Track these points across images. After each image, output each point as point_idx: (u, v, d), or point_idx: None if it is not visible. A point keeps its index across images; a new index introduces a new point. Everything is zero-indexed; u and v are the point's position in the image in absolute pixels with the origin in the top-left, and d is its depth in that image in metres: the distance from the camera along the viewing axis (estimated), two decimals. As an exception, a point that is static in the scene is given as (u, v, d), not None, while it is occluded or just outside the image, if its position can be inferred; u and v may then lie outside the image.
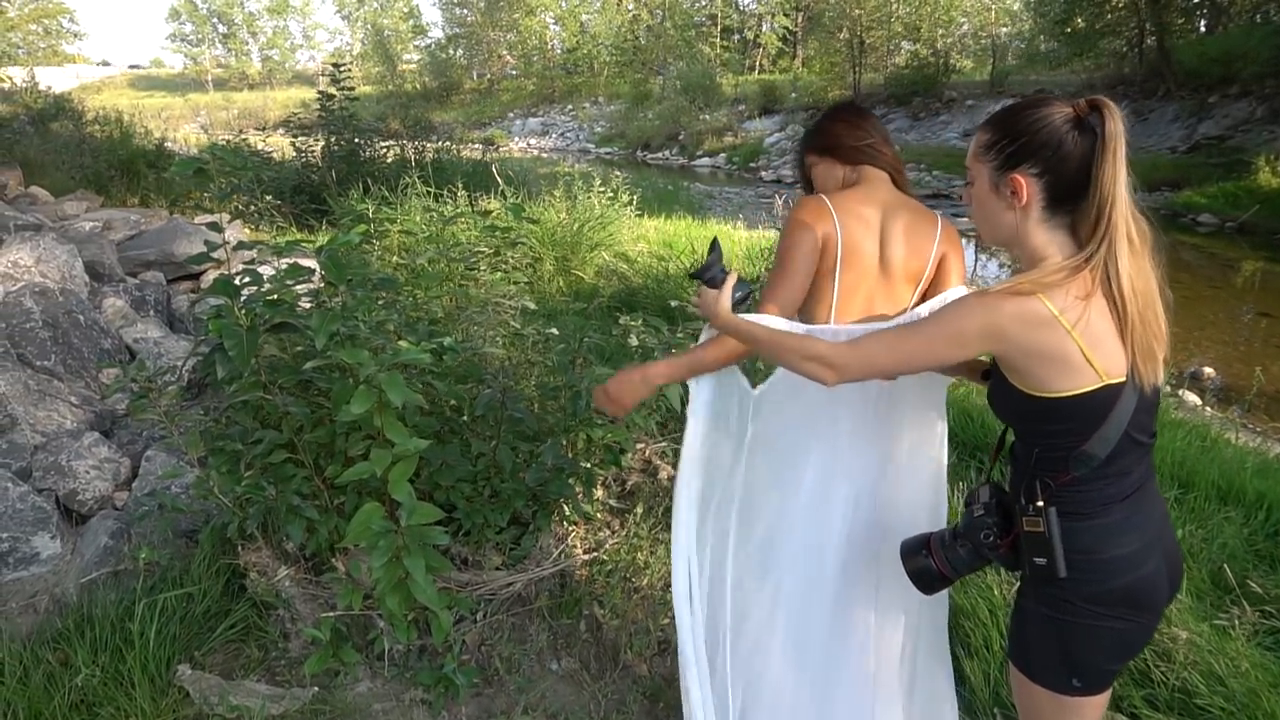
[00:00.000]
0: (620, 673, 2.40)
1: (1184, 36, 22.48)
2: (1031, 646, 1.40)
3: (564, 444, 2.82)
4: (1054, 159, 1.29)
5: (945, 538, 1.48)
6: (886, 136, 1.91)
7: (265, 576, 2.58)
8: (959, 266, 1.81)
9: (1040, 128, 1.30)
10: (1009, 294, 1.27)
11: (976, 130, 1.41)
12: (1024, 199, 1.33)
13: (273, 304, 2.35)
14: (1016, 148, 1.32)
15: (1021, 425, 1.39)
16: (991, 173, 1.36)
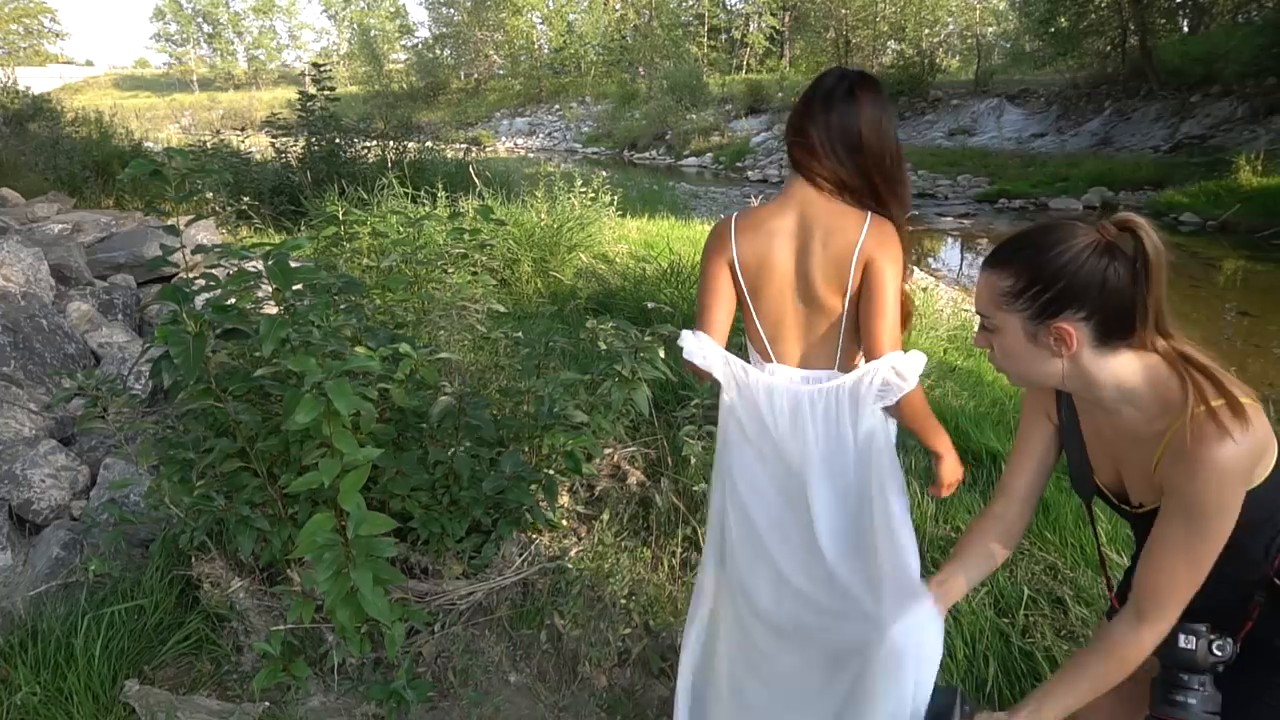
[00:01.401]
0: (579, 685, 2.36)
1: (1166, 36, 22.61)
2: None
3: (525, 451, 2.77)
4: (1100, 299, 1.16)
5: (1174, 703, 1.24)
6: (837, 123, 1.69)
7: (218, 588, 2.52)
8: (887, 269, 1.64)
9: (1078, 267, 1.16)
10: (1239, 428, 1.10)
11: (986, 270, 1.25)
12: (1072, 347, 1.19)
13: (222, 309, 2.29)
14: (1055, 294, 1.17)
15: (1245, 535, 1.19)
16: (1026, 323, 1.21)
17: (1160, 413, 1.19)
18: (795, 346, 1.77)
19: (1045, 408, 1.43)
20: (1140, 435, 1.22)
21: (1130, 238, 1.17)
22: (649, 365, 2.94)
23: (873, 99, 1.71)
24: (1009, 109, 24.37)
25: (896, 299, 1.65)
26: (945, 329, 6.32)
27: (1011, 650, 2.28)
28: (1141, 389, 1.21)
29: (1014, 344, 1.24)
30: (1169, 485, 1.17)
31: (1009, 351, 1.26)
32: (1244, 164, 14.07)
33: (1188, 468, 1.12)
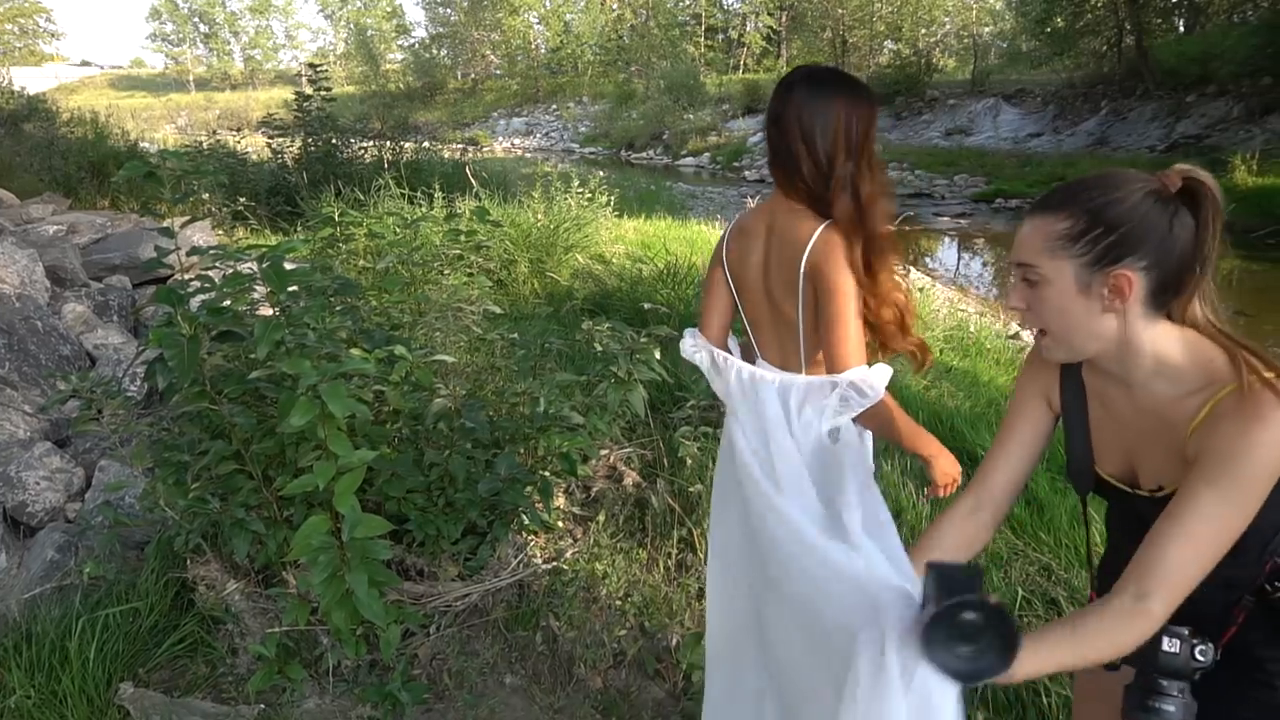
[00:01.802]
0: (574, 686, 2.36)
1: (1162, 36, 22.67)
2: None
3: (521, 452, 2.78)
4: (1162, 249, 1.09)
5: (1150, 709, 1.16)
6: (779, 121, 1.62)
7: (214, 590, 2.52)
8: (835, 279, 1.58)
9: (1143, 212, 1.09)
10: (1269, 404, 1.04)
11: (1038, 214, 1.16)
12: (1129, 298, 1.11)
13: (217, 312, 2.29)
14: (1118, 238, 1.09)
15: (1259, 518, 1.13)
16: (1080, 270, 1.12)
17: (1202, 385, 1.11)
18: (772, 348, 1.78)
19: (1045, 391, 1.34)
20: (1171, 411, 1.14)
21: (1193, 191, 1.11)
22: (645, 366, 2.94)
23: (810, 94, 1.60)
24: (1005, 109, 24.41)
25: (850, 309, 1.58)
26: (942, 329, 6.33)
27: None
28: (1181, 361, 1.14)
29: (1063, 296, 1.14)
30: (1205, 450, 1.07)
31: (1056, 305, 1.15)
32: (1239, 164, 14.10)
33: (1240, 425, 1.04)
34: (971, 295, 9.94)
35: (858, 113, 1.60)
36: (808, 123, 1.59)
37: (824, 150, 1.59)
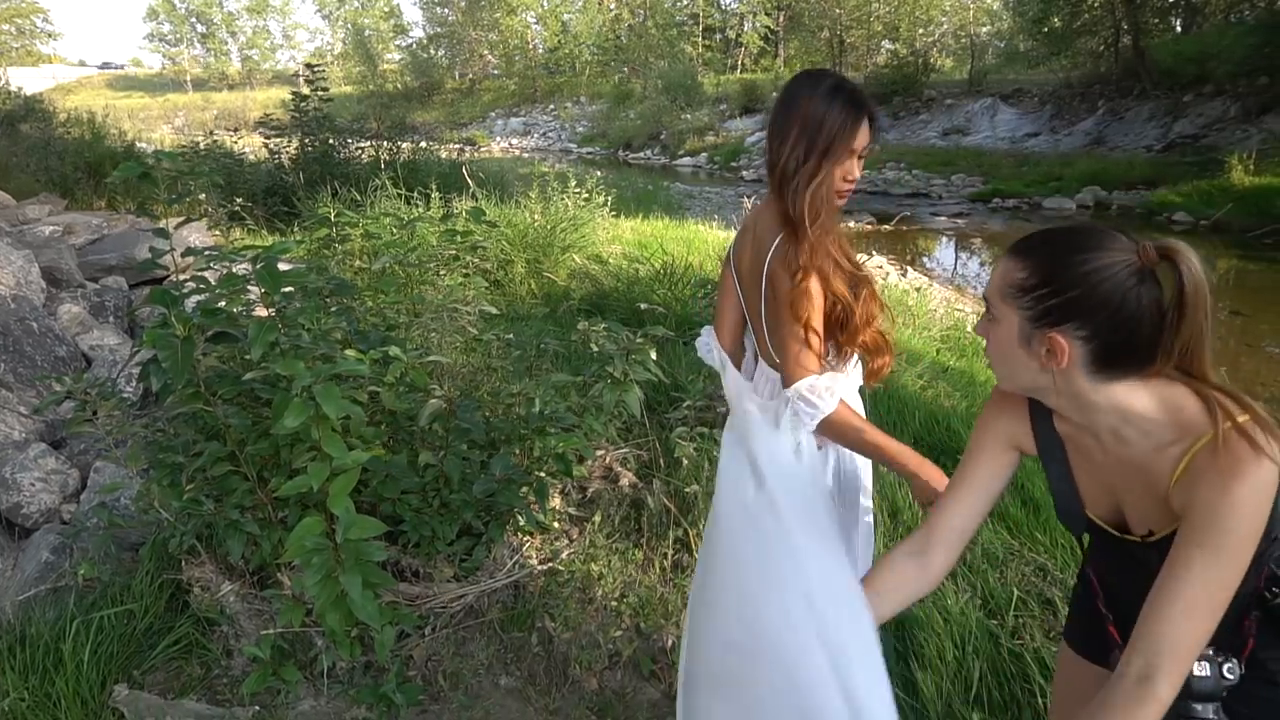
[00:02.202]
0: (569, 687, 2.35)
1: (1159, 36, 22.66)
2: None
3: (516, 453, 2.77)
4: (1109, 322, 1.06)
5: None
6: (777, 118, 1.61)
7: (209, 592, 2.51)
8: (785, 288, 1.58)
9: (1098, 282, 1.05)
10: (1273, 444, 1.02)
11: (1007, 257, 1.15)
12: (1062, 363, 1.09)
13: (211, 313, 2.28)
14: (1062, 302, 1.07)
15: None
16: (1023, 323, 1.12)
17: (1177, 436, 1.08)
18: (765, 349, 1.79)
19: (1010, 435, 1.30)
20: (1149, 462, 1.11)
21: (1170, 267, 1.05)
22: (640, 367, 2.94)
23: (789, 95, 1.59)
24: (1003, 108, 24.41)
25: (799, 320, 1.57)
26: (938, 329, 6.33)
27: (1000, 651, 2.28)
28: (1150, 413, 1.10)
29: (1006, 341, 1.15)
30: (1191, 507, 1.05)
31: (1000, 344, 1.17)
32: (1236, 163, 14.12)
33: (1219, 483, 1.02)
34: (968, 295, 9.94)
35: (830, 116, 1.55)
36: (780, 122, 1.59)
37: (789, 151, 1.57)
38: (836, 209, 1.65)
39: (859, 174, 1.63)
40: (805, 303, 1.55)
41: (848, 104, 1.56)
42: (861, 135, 1.58)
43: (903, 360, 4.96)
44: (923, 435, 3.87)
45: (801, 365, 1.58)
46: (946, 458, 3.67)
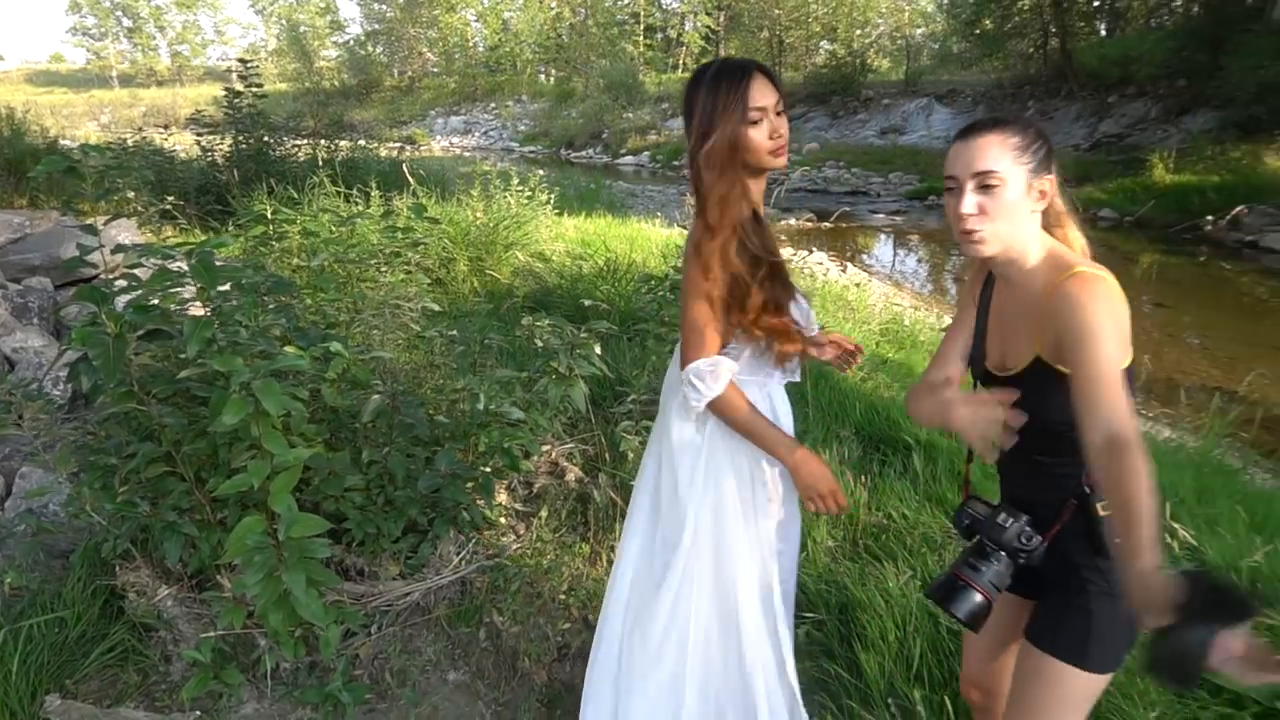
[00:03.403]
0: (518, 681, 2.35)
1: (1085, 39, 23.43)
2: (1099, 634, 1.42)
3: (461, 449, 2.76)
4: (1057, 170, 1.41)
5: (973, 565, 1.44)
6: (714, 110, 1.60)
7: (145, 597, 2.45)
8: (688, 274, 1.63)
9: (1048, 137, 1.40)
10: (1101, 271, 1.32)
11: (991, 131, 1.37)
12: (1050, 197, 1.39)
13: (144, 310, 2.22)
14: (1048, 151, 1.38)
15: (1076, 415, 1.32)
16: (1029, 175, 1.37)
17: (1053, 271, 1.37)
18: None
19: (973, 294, 1.62)
20: (1034, 297, 1.39)
21: None
22: (585, 362, 2.95)
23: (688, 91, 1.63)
24: (938, 108, 24.98)
25: (693, 307, 1.60)
26: (878, 323, 6.47)
27: (940, 630, 2.35)
28: (1045, 254, 1.40)
29: (1015, 196, 1.36)
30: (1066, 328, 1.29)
31: (1008, 204, 1.36)
32: (1158, 162, 14.71)
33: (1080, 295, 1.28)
34: (906, 290, 10.17)
35: (719, 90, 1.57)
36: (686, 117, 1.63)
37: (692, 137, 1.60)
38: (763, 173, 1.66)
39: (785, 128, 1.62)
40: (699, 282, 1.57)
41: (731, 73, 1.57)
42: (757, 92, 1.57)
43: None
44: (863, 425, 3.96)
45: (693, 347, 1.62)
46: (888, 447, 3.76)
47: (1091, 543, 1.41)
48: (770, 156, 1.61)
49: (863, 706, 2.21)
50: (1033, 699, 1.49)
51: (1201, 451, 4.11)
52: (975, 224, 1.38)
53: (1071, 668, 1.43)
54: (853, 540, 2.97)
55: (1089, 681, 1.44)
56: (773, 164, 1.62)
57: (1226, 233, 12.60)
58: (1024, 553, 1.43)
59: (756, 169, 1.63)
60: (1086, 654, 1.42)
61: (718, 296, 1.58)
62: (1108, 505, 1.31)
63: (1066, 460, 1.40)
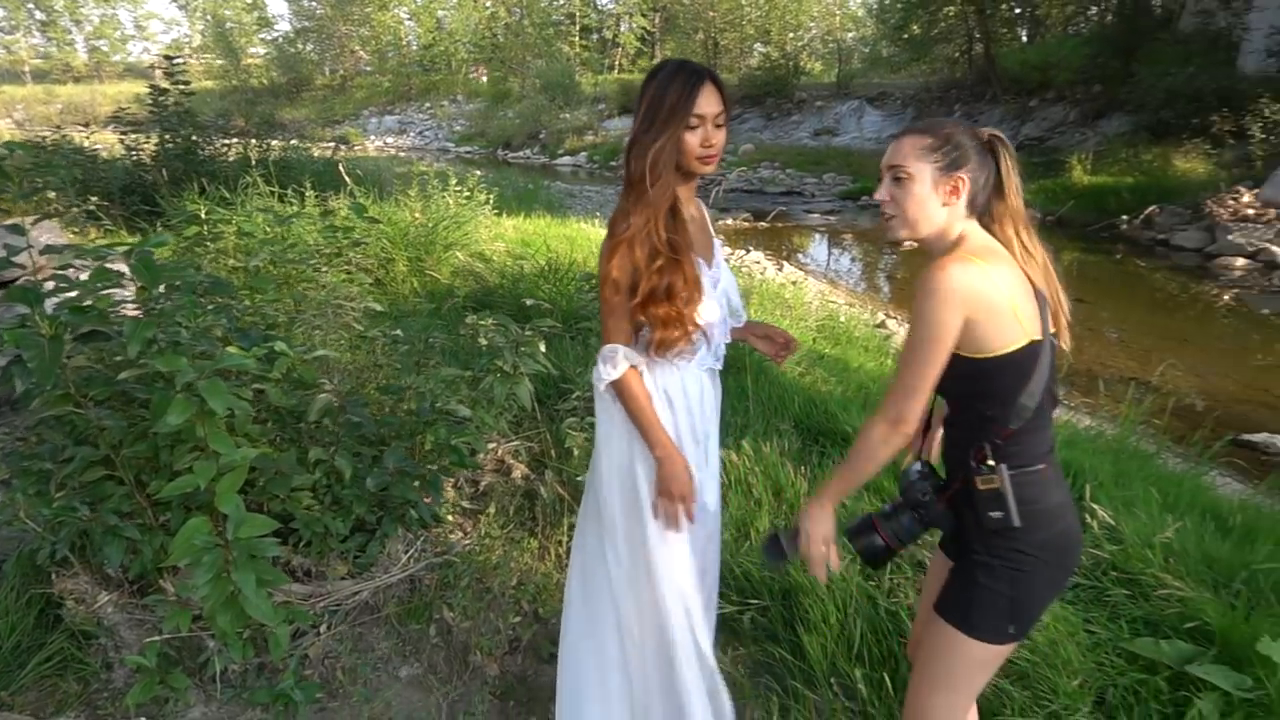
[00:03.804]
0: (470, 674, 2.38)
1: (1008, 45, 24.23)
2: (978, 601, 1.53)
3: (408, 448, 2.76)
4: (976, 171, 1.52)
5: (886, 510, 1.64)
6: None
7: (84, 604, 2.40)
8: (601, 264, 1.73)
9: (969, 143, 1.52)
10: (954, 263, 1.44)
11: (907, 134, 1.56)
12: (960, 196, 1.52)
13: (79, 311, 2.18)
14: (960, 154, 1.52)
15: (966, 389, 1.52)
16: (936, 172, 1.52)
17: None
18: None
19: None
20: None
21: (1000, 145, 1.55)
22: (530, 359, 2.99)
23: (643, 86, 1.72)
24: (869, 110, 25.55)
25: (604, 294, 1.70)
26: (814, 320, 6.62)
27: (879, 611, 2.45)
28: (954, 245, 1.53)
29: (920, 189, 1.53)
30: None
31: (916, 196, 1.53)
32: (1076, 164, 15.29)
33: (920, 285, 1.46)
34: (842, 288, 10.41)
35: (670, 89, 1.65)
36: (635, 108, 1.71)
37: (636, 125, 1.69)
38: (693, 178, 1.75)
39: (718, 141, 1.70)
40: (612, 265, 1.67)
41: (686, 77, 1.66)
42: (704, 100, 1.65)
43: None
44: (802, 419, 4.07)
45: (606, 331, 1.73)
46: (826, 439, 3.88)
47: (975, 514, 1.52)
48: (698, 162, 1.70)
49: (806, 686, 2.30)
50: (925, 662, 1.62)
51: (1119, 438, 4.33)
52: (887, 209, 1.58)
53: (958, 632, 1.55)
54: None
55: (975, 649, 1.54)
56: (699, 169, 1.71)
57: (1140, 231, 13.18)
58: (922, 508, 1.60)
59: (685, 171, 1.71)
60: (969, 620, 1.54)
61: (624, 284, 1.68)
62: (986, 480, 1.48)
63: (960, 432, 1.57)
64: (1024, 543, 1.49)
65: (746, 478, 3.28)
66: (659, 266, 1.68)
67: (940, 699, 1.59)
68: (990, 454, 1.49)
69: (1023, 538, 1.49)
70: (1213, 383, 6.89)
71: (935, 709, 1.59)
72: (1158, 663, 2.22)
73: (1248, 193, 12.30)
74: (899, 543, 1.62)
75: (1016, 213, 1.56)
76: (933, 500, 1.60)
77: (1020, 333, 1.44)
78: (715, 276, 1.86)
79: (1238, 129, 13.70)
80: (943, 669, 1.58)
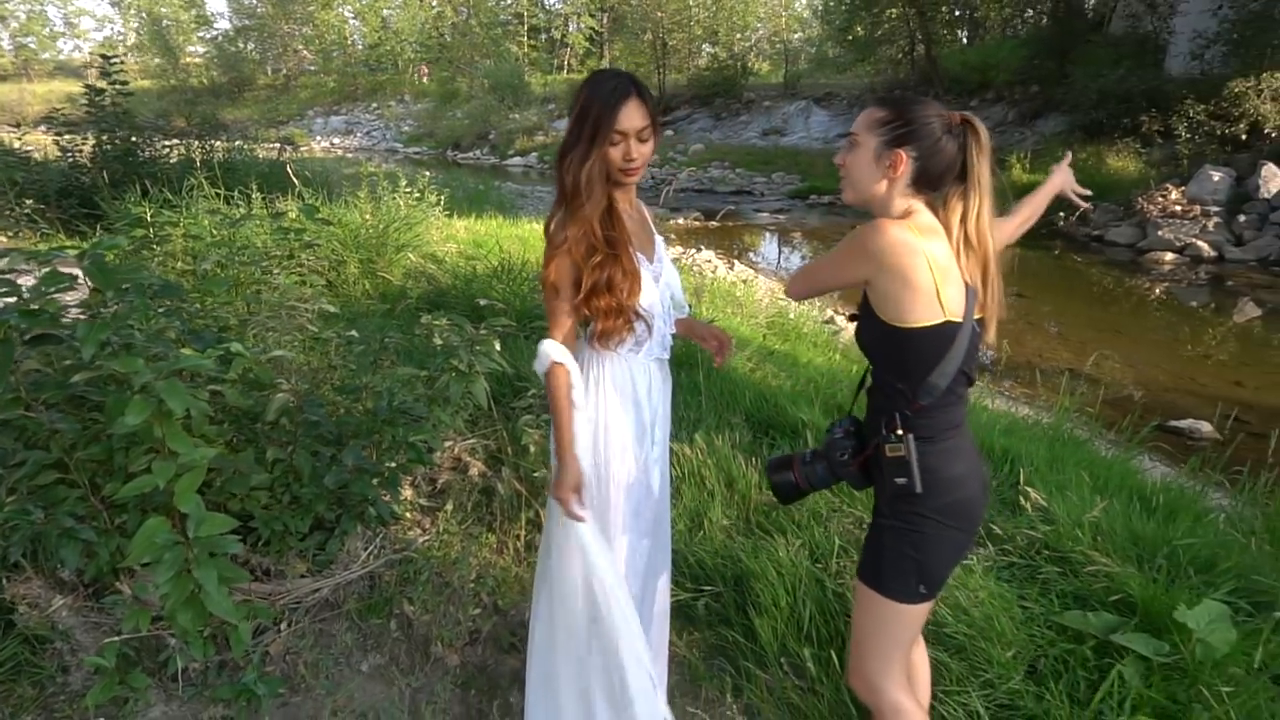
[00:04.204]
0: (431, 665, 2.42)
1: (949, 46, 24.82)
2: (886, 561, 1.65)
3: (366, 447, 2.79)
4: (930, 150, 1.58)
5: (806, 456, 1.78)
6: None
7: (37, 609, 2.39)
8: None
9: (927, 123, 1.58)
10: (892, 225, 1.54)
11: (869, 107, 1.65)
12: (898, 173, 1.59)
13: (30, 314, 2.18)
14: (907, 131, 1.58)
15: (881, 355, 1.64)
16: (879, 144, 1.60)
17: None
18: None
19: None
20: None
21: (970, 128, 1.60)
22: (485, 358, 3.03)
23: (576, 94, 1.78)
24: (816, 110, 25.95)
25: (546, 292, 1.79)
26: (764, 316, 6.75)
27: (826, 593, 2.55)
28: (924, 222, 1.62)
29: (862, 158, 1.62)
30: None
31: (857, 162, 1.63)
32: (1015, 162, 15.75)
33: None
34: (791, 285, 10.58)
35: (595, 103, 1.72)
36: (569, 116, 1.78)
37: (567, 137, 1.76)
38: (621, 186, 1.82)
39: (640, 154, 1.76)
40: (550, 270, 1.76)
41: (611, 91, 1.72)
42: (625, 117, 1.70)
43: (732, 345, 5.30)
44: (753, 412, 4.17)
45: (549, 326, 1.81)
46: (776, 432, 3.99)
47: (882, 478, 1.64)
48: (621, 174, 1.78)
49: (758, 667, 2.39)
50: (855, 626, 1.75)
51: (1054, 426, 4.52)
52: (841, 172, 1.68)
53: (874, 593, 1.67)
54: (746, 519, 3.15)
55: (890, 608, 1.66)
56: (623, 180, 1.80)
57: (1077, 228, 13.63)
58: (839, 465, 1.74)
59: (614, 181, 1.80)
60: (881, 580, 1.66)
61: (564, 287, 1.77)
62: (893, 448, 1.60)
63: (879, 403, 1.68)
64: (925, 507, 1.61)
65: (700, 470, 3.37)
66: (598, 262, 1.76)
67: (872, 663, 1.70)
68: (900, 424, 1.60)
69: (923, 503, 1.61)
70: (1144, 373, 7.20)
71: (870, 672, 1.71)
72: (1085, 633, 2.36)
73: (1175, 190, 12.82)
74: (809, 486, 1.79)
75: (972, 202, 1.59)
76: (850, 460, 1.73)
77: (937, 311, 1.52)
78: (657, 271, 1.94)
79: (1165, 129, 14.24)
80: (868, 630, 1.70)
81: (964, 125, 1.60)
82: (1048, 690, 2.15)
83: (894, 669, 1.70)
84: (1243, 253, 11.49)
